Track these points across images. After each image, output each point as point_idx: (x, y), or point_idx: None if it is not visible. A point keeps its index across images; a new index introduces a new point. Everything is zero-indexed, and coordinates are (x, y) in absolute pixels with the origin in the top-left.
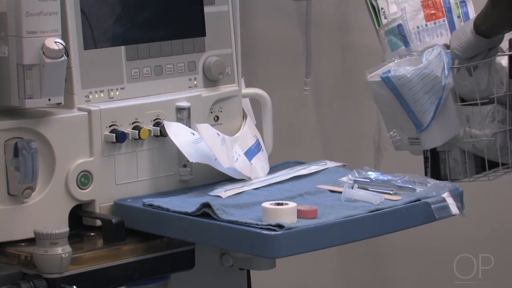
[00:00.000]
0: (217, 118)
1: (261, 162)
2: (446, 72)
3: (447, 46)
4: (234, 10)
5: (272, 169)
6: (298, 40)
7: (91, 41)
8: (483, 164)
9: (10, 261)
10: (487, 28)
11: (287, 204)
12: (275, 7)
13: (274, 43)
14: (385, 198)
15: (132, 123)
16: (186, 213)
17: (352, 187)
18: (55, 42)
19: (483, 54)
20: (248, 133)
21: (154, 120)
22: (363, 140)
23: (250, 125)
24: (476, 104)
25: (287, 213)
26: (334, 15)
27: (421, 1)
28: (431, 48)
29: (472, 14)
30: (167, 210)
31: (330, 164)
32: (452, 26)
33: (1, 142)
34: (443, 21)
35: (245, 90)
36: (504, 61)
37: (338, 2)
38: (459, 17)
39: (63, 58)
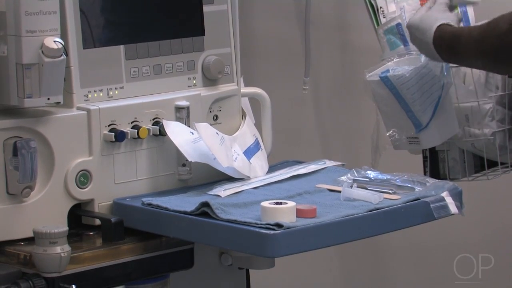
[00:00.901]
0: (216, 117)
1: (260, 161)
2: (445, 71)
3: None
4: (233, 9)
5: (271, 168)
6: (297, 39)
7: (90, 40)
8: (482, 164)
9: (9, 260)
10: (452, 61)
11: (286, 203)
12: (274, 6)
13: (273, 42)
14: (384, 198)
15: (131, 122)
16: (185, 212)
17: (351, 186)
18: (54, 41)
19: None
20: (247, 132)
21: (153, 119)
22: (362, 140)
23: (249, 124)
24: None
25: (286, 212)
26: (333, 14)
27: (420, 0)
28: None
29: (471, 14)
30: (166, 209)
31: (329, 163)
32: None
33: (0, 141)
34: None
35: (244, 89)
36: None
37: (337, 1)
38: None
39: (62, 57)
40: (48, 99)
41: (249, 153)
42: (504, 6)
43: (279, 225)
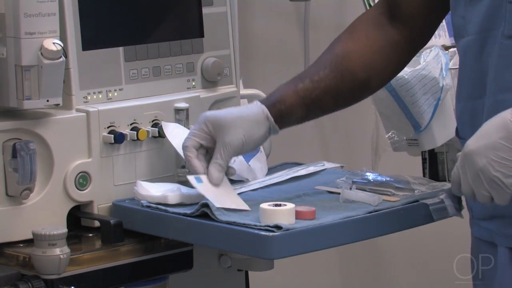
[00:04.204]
0: None
1: (259, 164)
2: (444, 73)
3: (445, 47)
4: (232, 11)
5: (270, 170)
6: (296, 41)
7: (89, 42)
8: None
9: (8, 262)
10: None
11: (285, 205)
12: (273, 8)
13: (272, 44)
14: (383, 199)
15: (131, 124)
16: (184, 214)
17: (350, 188)
18: (54, 43)
19: None
20: None
21: (152, 121)
22: (361, 141)
23: None
24: None
25: (285, 214)
26: (332, 16)
27: None
28: (429, 49)
29: None
30: (165, 211)
31: (328, 165)
32: (450, 27)
33: None
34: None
35: (243, 91)
36: None
37: (336, 3)
38: None
39: (61, 59)
40: (47, 101)
41: (248, 155)
42: None
43: (278, 227)
